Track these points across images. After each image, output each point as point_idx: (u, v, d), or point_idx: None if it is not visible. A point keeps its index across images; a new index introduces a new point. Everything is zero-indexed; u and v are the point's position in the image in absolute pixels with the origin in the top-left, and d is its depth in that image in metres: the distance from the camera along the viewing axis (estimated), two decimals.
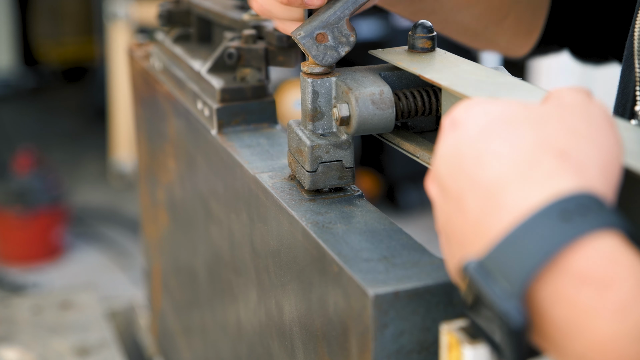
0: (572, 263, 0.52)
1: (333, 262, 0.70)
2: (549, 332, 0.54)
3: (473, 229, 0.56)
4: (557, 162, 0.55)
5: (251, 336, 0.96)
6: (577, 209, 0.53)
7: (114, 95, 4.22)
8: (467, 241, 0.57)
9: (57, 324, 1.54)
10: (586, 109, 0.58)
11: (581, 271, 0.52)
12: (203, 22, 1.20)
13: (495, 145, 0.57)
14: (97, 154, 4.58)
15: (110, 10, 4.15)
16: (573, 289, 0.52)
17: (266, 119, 1.04)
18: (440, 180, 0.60)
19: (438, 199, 0.60)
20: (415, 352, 0.66)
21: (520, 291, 0.52)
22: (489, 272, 0.54)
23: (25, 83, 5.61)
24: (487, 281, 0.53)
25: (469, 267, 0.55)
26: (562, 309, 0.52)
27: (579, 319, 0.52)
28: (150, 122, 1.36)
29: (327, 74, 0.81)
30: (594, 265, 0.52)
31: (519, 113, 0.58)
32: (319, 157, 0.81)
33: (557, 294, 0.52)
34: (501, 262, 0.53)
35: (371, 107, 0.77)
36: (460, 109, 0.60)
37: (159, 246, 1.40)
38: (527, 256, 0.52)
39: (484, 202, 0.56)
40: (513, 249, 0.53)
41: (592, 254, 0.52)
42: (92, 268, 3.58)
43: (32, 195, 3.50)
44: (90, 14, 5.12)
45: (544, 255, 0.52)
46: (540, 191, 0.54)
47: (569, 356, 0.53)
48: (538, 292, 0.53)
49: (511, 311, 0.52)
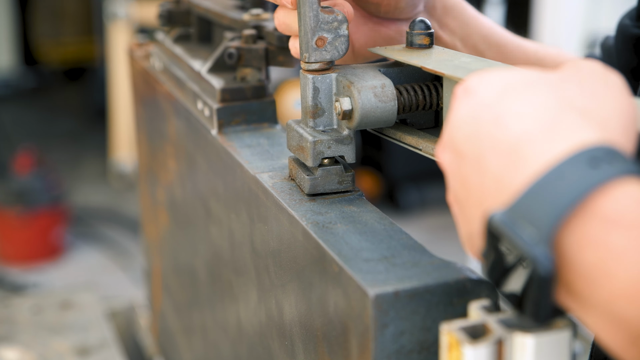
0: (601, 206, 0.52)
1: (333, 262, 0.70)
2: (575, 283, 0.53)
3: (494, 185, 0.56)
4: (580, 119, 0.55)
5: (251, 336, 0.96)
6: (604, 156, 0.53)
7: (114, 95, 4.22)
8: (488, 198, 0.57)
9: (57, 324, 1.54)
10: (603, 75, 0.60)
11: (610, 213, 0.52)
12: (203, 22, 1.21)
13: (515, 106, 0.57)
14: (97, 154, 4.58)
15: (110, 10, 4.15)
16: (602, 232, 0.52)
17: (266, 119, 1.04)
18: (455, 145, 0.60)
19: (452, 166, 0.60)
20: (416, 352, 0.66)
21: (548, 236, 0.52)
22: (516, 221, 0.53)
23: (26, 83, 5.61)
24: (514, 229, 0.53)
25: (494, 218, 0.54)
26: (590, 253, 0.52)
27: (607, 262, 0.51)
28: (151, 122, 1.36)
29: (327, 70, 0.81)
30: (623, 207, 0.52)
31: (537, 77, 0.59)
32: (321, 153, 0.80)
33: (585, 238, 0.52)
34: (529, 209, 0.53)
35: (373, 99, 0.77)
36: (473, 78, 0.60)
37: (159, 246, 1.40)
38: (556, 200, 0.52)
39: (506, 158, 0.56)
40: (541, 195, 0.53)
41: (621, 197, 0.52)
42: (92, 268, 3.58)
43: (32, 195, 3.50)
44: (90, 14, 5.12)
45: (573, 199, 0.52)
46: (566, 142, 0.54)
47: (594, 307, 0.53)
48: (566, 237, 0.53)
49: (540, 256, 0.52)
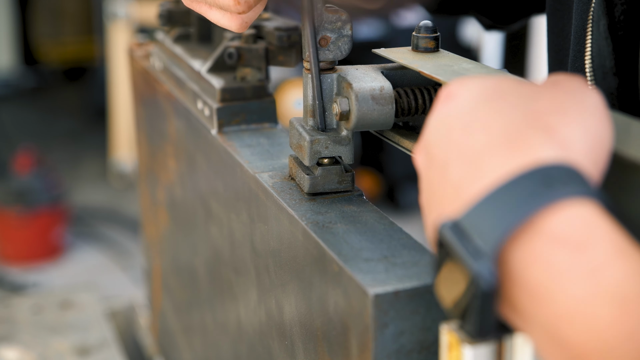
0: (549, 225, 0.51)
1: (333, 262, 0.70)
2: (519, 299, 0.53)
3: (453, 192, 0.56)
4: (544, 136, 0.55)
5: (251, 336, 0.96)
6: (559, 176, 0.52)
7: (114, 95, 4.22)
8: (446, 206, 0.56)
9: (57, 324, 1.54)
10: (579, 92, 0.58)
11: (557, 233, 0.51)
12: (203, 21, 1.21)
13: (484, 115, 0.57)
14: (97, 154, 4.58)
15: (110, 10, 4.15)
16: (547, 250, 0.51)
17: (266, 119, 1.04)
18: (428, 148, 0.60)
19: (424, 168, 0.60)
20: (416, 351, 0.66)
21: (493, 250, 0.51)
22: (464, 232, 0.53)
23: (26, 83, 5.61)
24: (460, 240, 0.52)
25: (443, 227, 0.54)
26: (535, 270, 0.51)
27: (551, 281, 0.51)
28: (151, 122, 1.36)
29: (329, 69, 0.81)
30: (571, 227, 0.51)
31: (511, 87, 0.59)
32: (318, 152, 0.81)
33: (531, 256, 0.52)
34: (477, 221, 0.53)
35: (371, 102, 0.77)
36: (455, 83, 0.60)
37: (159, 246, 1.40)
38: (503, 215, 0.52)
39: (467, 167, 0.55)
40: (490, 209, 0.52)
41: (570, 217, 0.52)
42: (92, 268, 3.58)
43: (32, 195, 3.50)
44: (90, 13, 5.12)
45: (521, 215, 0.51)
46: (524, 158, 0.54)
47: (537, 325, 0.52)
48: (512, 253, 0.52)
49: (482, 270, 0.51)
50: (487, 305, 0.52)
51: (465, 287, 0.52)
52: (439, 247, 0.55)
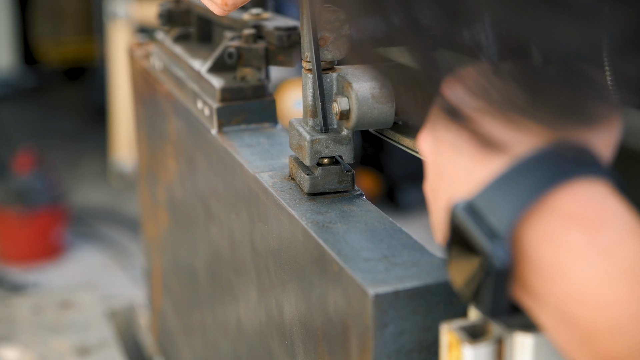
0: (562, 203, 0.52)
1: (333, 262, 0.70)
2: (531, 279, 0.53)
3: (464, 173, 0.56)
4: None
5: (251, 336, 0.96)
6: (572, 156, 0.53)
7: (114, 95, 4.21)
8: (457, 187, 0.56)
9: (57, 324, 1.54)
10: None
11: (570, 212, 0.51)
12: (203, 21, 1.21)
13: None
14: (97, 153, 4.58)
15: (110, 10, 4.15)
16: (560, 229, 0.51)
17: (266, 119, 1.04)
18: (436, 133, 0.59)
19: (431, 152, 0.60)
20: (416, 351, 0.66)
21: (507, 229, 0.51)
22: (478, 212, 0.53)
23: (26, 83, 5.61)
24: (474, 220, 0.52)
25: (457, 208, 0.54)
26: (548, 249, 0.52)
27: (564, 259, 0.51)
28: (151, 121, 1.36)
29: (328, 69, 0.81)
30: (583, 206, 0.51)
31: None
32: (318, 152, 0.80)
33: (544, 234, 0.52)
34: (491, 202, 0.53)
35: (371, 101, 0.77)
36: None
37: (159, 246, 1.40)
38: (518, 195, 0.52)
39: (478, 148, 0.55)
40: (504, 189, 0.52)
41: (582, 196, 0.52)
42: (92, 268, 3.58)
43: (32, 195, 3.50)
44: (90, 13, 5.12)
45: (534, 194, 0.52)
46: (538, 138, 0.54)
47: (548, 305, 0.52)
48: (526, 232, 0.52)
49: (497, 250, 0.51)
50: (501, 284, 0.52)
51: (478, 266, 0.52)
52: (451, 228, 0.54)
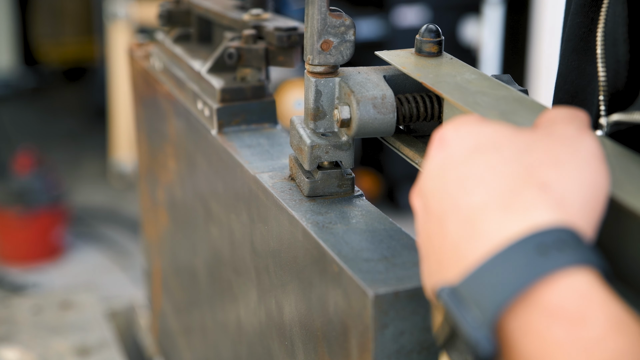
0: (545, 297, 0.52)
1: (333, 262, 0.70)
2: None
3: (451, 252, 0.56)
4: (538, 194, 0.55)
5: (251, 336, 0.96)
6: (554, 243, 0.53)
7: (114, 95, 4.22)
8: (445, 264, 0.57)
9: (57, 324, 1.54)
10: (575, 140, 0.58)
11: (553, 306, 0.52)
12: (203, 22, 1.21)
13: (479, 170, 0.57)
14: (97, 154, 4.58)
15: (110, 10, 4.15)
16: (544, 324, 0.52)
17: (266, 119, 1.04)
18: (424, 197, 0.60)
19: (421, 215, 0.61)
20: (416, 352, 0.66)
21: (491, 321, 0.52)
22: (462, 299, 0.54)
23: (26, 83, 5.61)
24: (459, 308, 0.53)
25: (442, 293, 0.55)
26: (531, 342, 0.52)
27: (547, 354, 0.51)
28: (151, 122, 1.36)
29: (331, 73, 0.80)
30: (567, 300, 0.52)
31: (506, 138, 0.58)
32: (318, 157, 0.80)
33: (527, 327, 0.52)
34: (475, 290, 0.53)
35: (372, 111, 0.77)
36: (449, 128, 0.60)
37: (159, 246, 1.40)
38: (501, 286, 0.52)
39: (463, 227, 0.56)
40: (487, 278, 0.53)
41: (566, 290, 0.52)
42: (92, 268, 3.58)
43: (32, 195, 3.50)
44: (90, 14, 5.12)
45: (517, 287, 0.52)
46: (519, 222, 0.54)
47: None
48: (509, 323, 0.53)
49: (481, 340, 0.52)
50: None
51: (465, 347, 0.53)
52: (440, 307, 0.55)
